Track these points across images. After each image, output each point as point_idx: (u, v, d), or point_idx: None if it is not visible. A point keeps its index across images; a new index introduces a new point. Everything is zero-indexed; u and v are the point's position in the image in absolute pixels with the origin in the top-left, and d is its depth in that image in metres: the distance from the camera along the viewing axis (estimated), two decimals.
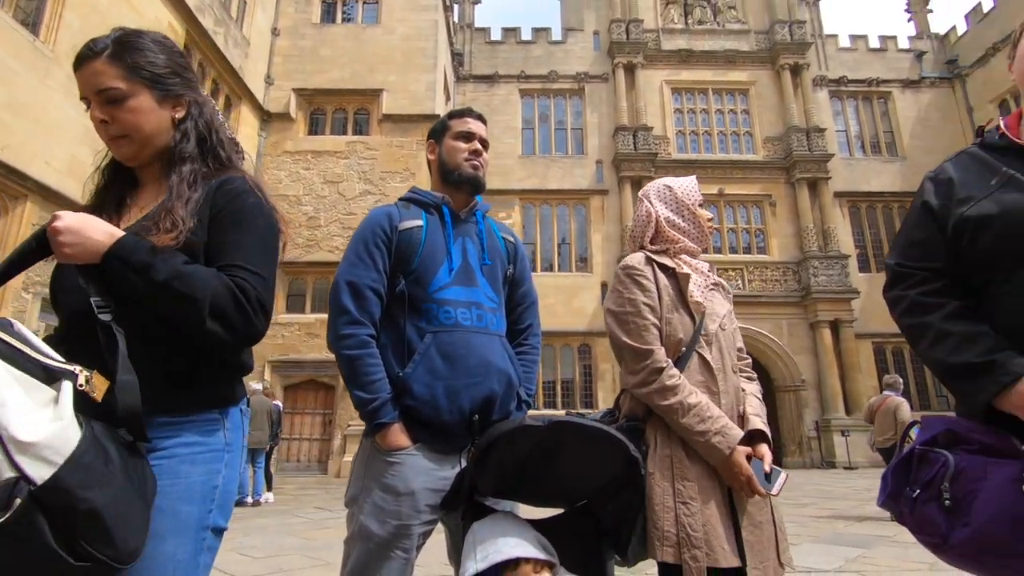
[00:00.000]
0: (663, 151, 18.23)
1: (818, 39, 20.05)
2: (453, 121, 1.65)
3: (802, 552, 4.39)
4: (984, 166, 1.08)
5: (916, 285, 1.10)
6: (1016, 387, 0.91)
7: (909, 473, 1.05)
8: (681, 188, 1.63)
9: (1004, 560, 0.89)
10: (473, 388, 1.41)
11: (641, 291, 1.47)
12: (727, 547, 1.27)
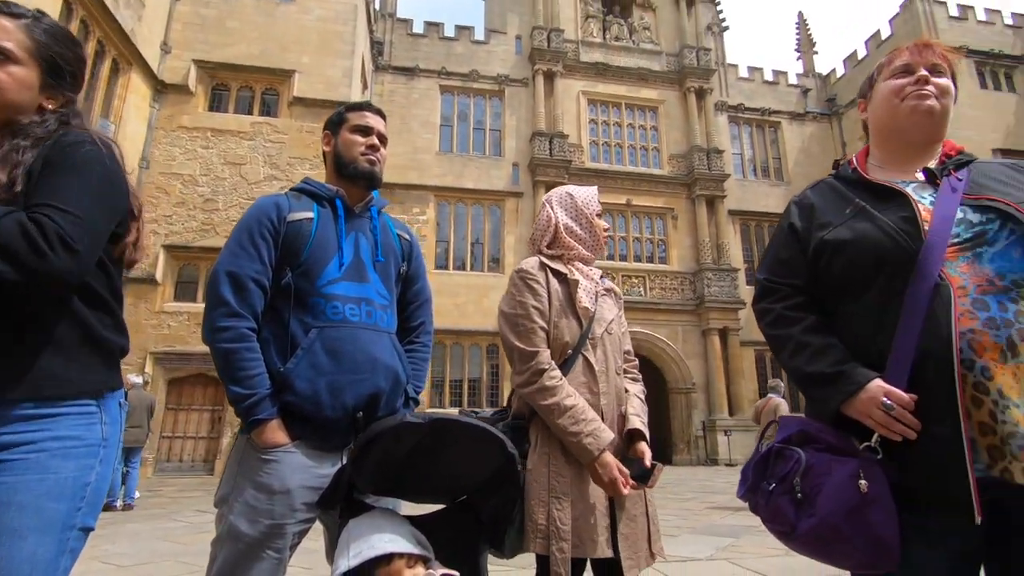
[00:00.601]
0: (577, 159, 18.82)
1: (721, 67, 21.60)
2: (351, 114, 1.63)
3: (680, 542, 4.72)
4: (840, 196, 1.20)
5: (781, 299, 1.21)
6: (859, 395, 1.02)
7: (767, 468, 1.13)
8: (581, 197, 1.71)
9: (838, 546, 1.00)
10: (358, 384, 1.39)
11: (532, 295, 1.53)
12: (600, 539, 1.35)
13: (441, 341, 16.75)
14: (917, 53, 1.20)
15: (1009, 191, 1.08)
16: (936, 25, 19.46)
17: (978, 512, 0.91)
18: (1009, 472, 0.93)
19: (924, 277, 1.01)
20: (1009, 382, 0.95)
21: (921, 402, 0.98)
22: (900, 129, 1.19)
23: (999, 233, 1.04)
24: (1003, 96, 19.13)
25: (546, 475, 1.39)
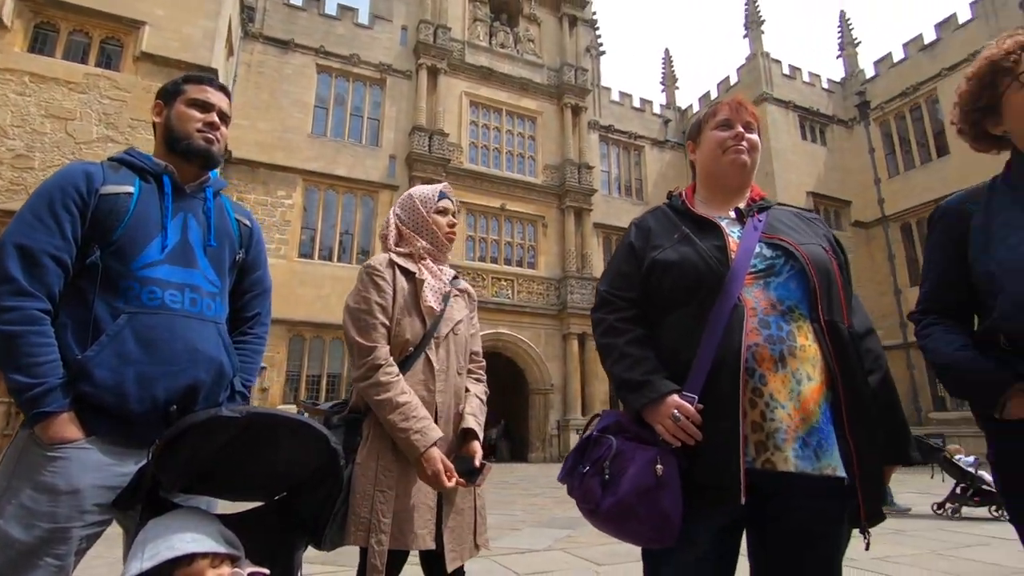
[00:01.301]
0: (456, 158, 18.89)
1: (596, 88, 22.99)
2: (189, 86, 1.51)
3: (523, 535, 4.95)
4: (671, 222, 1.38)
5: (615, 311, 1.35)
6: (658, 404, 1.18)
7: (584, 453, 1.26)
8: (420, 196, 1.75)
9: (631, 523, 1.14)
10: (173, 376, 1.30)
11: (377, 291, 1.54)
12: (422, 532, 1.40)
13: (300, 334, 15.84)
14: (734, 111, 1.42)
15: (792, 234, 1.32)
16: (772, 80, 22.45)
17: (743, 494, 1.10)
18: (771, 462, 1.12)
19: (727, 298, 1.20)
20: (779, 387, 1.16)
21: (711, 402, 1.16)
22: (720, 175, 1.41)
23: (784, 267, 1.26)
24: (817, 148, 22.60)
25: (374, 469, 1.41)
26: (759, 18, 23.21)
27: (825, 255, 1.28)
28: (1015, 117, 1.25)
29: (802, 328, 1.20)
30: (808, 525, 1.15)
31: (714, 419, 1.14)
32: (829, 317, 1.21)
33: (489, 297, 18.02)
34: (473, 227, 19.02)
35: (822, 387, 1.17)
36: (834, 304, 1.23)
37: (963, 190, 1.37)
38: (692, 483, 1.14)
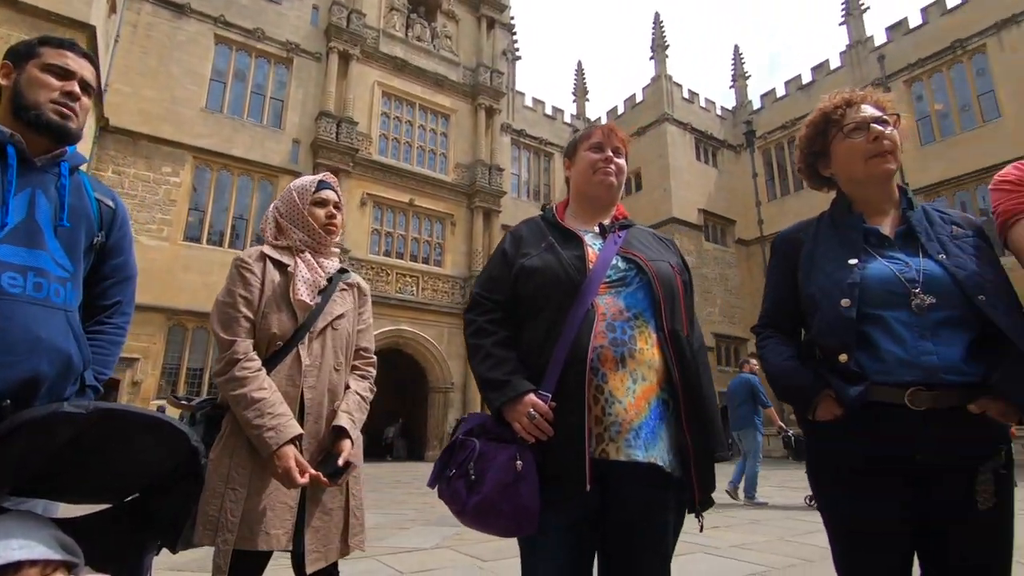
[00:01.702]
0: (365, 149, 18.35)
1: (511, 92, 23.31)
2: (46, 49, 1.36)
3: (411, 534, 4.93)
4: (541, 232, 1.49)
5: (485, 313, 1.44)
6: (516, 402, 1.26)
7: (451, 457, 1.33)
8: (298, 187, 1.71)
9: (494, 517, 1.22)
10: (8, 367, 1.18)
11: (243, 284, 1.50)
12: (276, 532, 1.37)
13: (181, 323, 14.65)
14: (606, 136, 1.55)
15: (645, 251, 1.46)
16: (673, 102, 23.98)
17: (588, 482, 1.20)
18: (606, 452, 1.25)
19: (582, 303, 1.31)
20: (618, 385, 1.28)
21: (562, 399, 1.26)
22: (590, 194, 1.55)
23: (634, 279, 1.40)
24: (709, 169, 24.45)
25: (227, 466, 1.37)
26: (664, 43, 24.69)
27: (671, 272, 1.43)
28: (838, 162, 1.46)
29: (644, 333, 1.33)
30: (638, 512, 1.28)
31: (564, 415, 1.24)
32: (671, 326, 1.35)
33: (392, 293, 17.67)
34: (380, 221, 18.57)
35: (655, 387, 1.31)
36: (676, 315, 1.38)
37: (800, 221, 1.57)
38: (546, 475, 1.24)
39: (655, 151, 23.52)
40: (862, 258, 1.33)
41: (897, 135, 1.41)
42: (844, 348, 1.27)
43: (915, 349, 1.21)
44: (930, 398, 1.18)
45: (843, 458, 1.31)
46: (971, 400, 1.18)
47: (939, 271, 1.26)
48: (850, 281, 1.30)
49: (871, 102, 1.45)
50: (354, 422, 1.57)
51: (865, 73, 20.57)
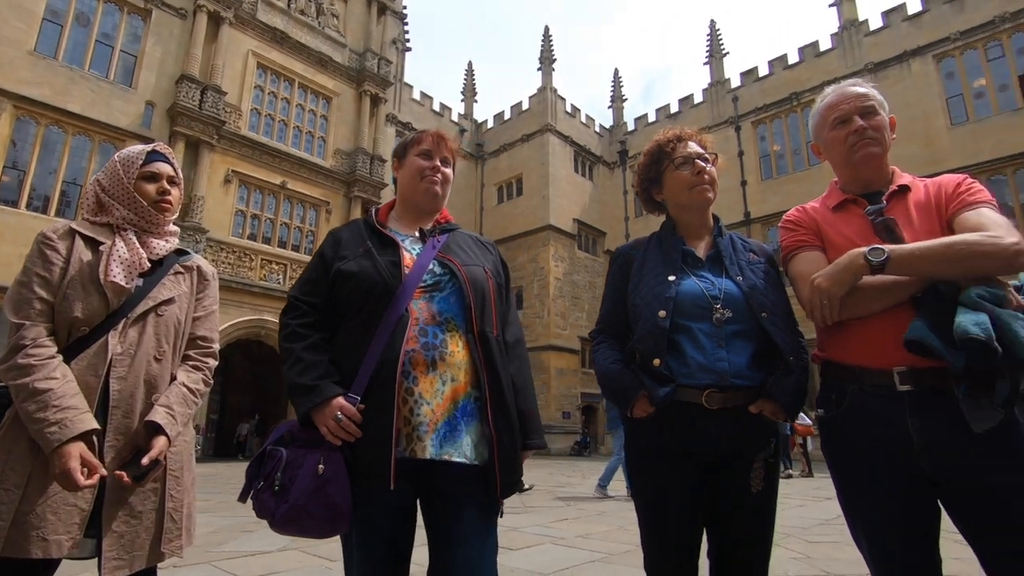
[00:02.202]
0: (233, 122, 16.91)
1: (398, 83, 22.84)
2: None
3: (256, 537, 4.64)
4: (360, 236, 1.48)
5: (299, 316, 1.40)
6: (323, 407, 1.27)
7: (259, 469, 1.31)
8: (123, 158, 1.53)
9: (307, 521, 1.22)
10: None
11: (42, 263, 1.33)
12: (59, 538, 1.21)
13: None
14: (435, 143, 1.57)
15: (462, 255, 1.49)
16: (557, 114, 25.05)
17: (392, 480, 1.23)
18: (414, 451, 1.28)
19: (396, 307, 1.33)
20: (427, 388, 1.32)
21: (372, 401, 1.29)
22: (415, 199, 1.57)
23: (448, 283, 1.43)
24: (586, 182, 25.87)
25: (2, 463, 1.21)
26: (552, 56, 25.71)
27: (484, 276, 1.48)
28: (668, 189, 1.66)
29: (455, 337, 1.38)
30: (446, 506, 1.35)
31: (373, 416, 1.27)
32: (481, 328, 1.40)
33: (256, 280, 16.47)
34: (246, 202, 17.21)
35: (464, 387, 1.37)
36: (486, 317, 1.43)
37: (637, 238, 1.76)
38: (357, 474, 1.27)
39: (537, 159, 24.38)
40: (679, 275, 1.53)
41: (715, 171, 1.64)
42: (658, 353, 1.46)
43: (712, 356, 1.42)
44: (721, 399, 1.40)
45: (652, 449, 1.50)
46: (752, 401, 1.41)
47: (736, 290, 1.49)
48: (667, 295, 1.49)
49: (696, 140, 1.66)
50: (173, 417, 1.41)
51: (722, 110, 23.06)
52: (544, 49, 25.89)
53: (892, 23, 19.58)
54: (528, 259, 23.78)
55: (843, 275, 1.29)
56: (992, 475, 1.17)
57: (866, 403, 1.31)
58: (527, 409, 1.47)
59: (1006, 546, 1.16)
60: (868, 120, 1.46)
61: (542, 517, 6.04)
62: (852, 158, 1.48)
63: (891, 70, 19.09)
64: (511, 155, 25.64)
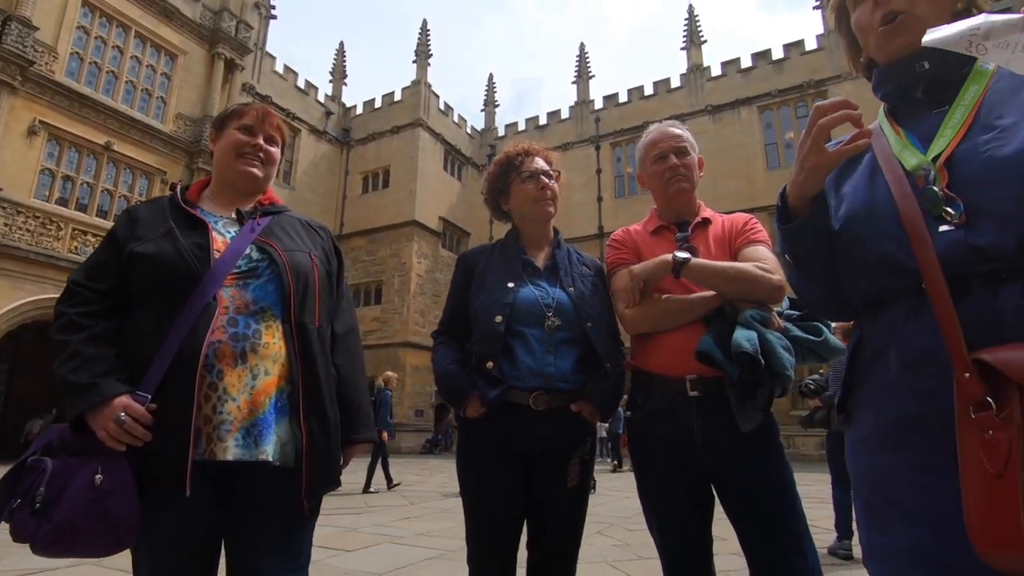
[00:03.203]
0: (46, 65, 14.31)
1: (259, 51, 21.03)
2: None
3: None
4: (163, 215, 1.32)
5: (80, 304, 1.22)
6: (102, 408, 1.11)
7: (17, 484, 1.11)
8: None
9: (80, 539, 1.06)
10: None
11: None
12: None
13: None
14: (260, 120, 1.43)
15: (285, 240, 1.37)
16: (429, 109, 24.84)
17: (188, 486, 1.11)
18: (214, 452, 1.16)
19: (201, 295, 1.20)
20: (234, 382, 1.20)
21: (166, 398, 1.14)
22: (232, 178, 1.42)
23: (266, 270, 1.31)
24: (454, 181, 25.99)
25: None
26: (428, 51, 25.46)
27: (308, 263, 1.36)
28: (514, 200, 1.76)
29: (271, 327, 1.27)
30: (251, 510, 1.24)
31: (168, 415, 1.14)
32: (301, 318, 1.30)
33: (63, 253, 14.08)
34: (57, 160, 14.65)
35: (279, 381, 1.25)
36: (308, 307, 1.32)
37: (483, 244, 1.84)
38: (151, 478, 1.13)
39: (407, 153, 23.97)
40: (518, 283, 1.63)
41: (557, 187, 1.77)
42: (492, 356, 1.54)
43: (542, 361, 1.54)
44: (547, 400, 1.51)
45: (482, 447, 1.57)
46: (574, 403, 1.55)
47: (567, 300, 1.62)
48: (505, 301, 1.59)
49: (543, 156, 1.79)
50: None
51: (585, 128, 24.60)
52: (421, 42, 25.54)
53: (729, 73, 22.39)
54: (390, 253, 23.27)
55: (656, 268, 1.53)
56: (749, 473, 1.43)
57: (665, 406, 1.51)
58: (357, 402, 1.41)
59: (757, 531, 1.43)
60: (681, 159, 1.68)
61: (383, 516, 5.96)
62: (667, 191, 1.70)
63: (726, 114, 21.79)
64: (380, 145, 24.90)
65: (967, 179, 0.81)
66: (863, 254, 0.89)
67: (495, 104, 28.58)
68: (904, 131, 0.93)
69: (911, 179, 0.86)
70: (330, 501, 6.81)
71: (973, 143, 0.83)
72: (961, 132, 0.85)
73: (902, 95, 0.96)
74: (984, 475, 0.67)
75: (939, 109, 0.90)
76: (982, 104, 0.86)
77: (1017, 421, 0.66)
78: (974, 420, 0.70)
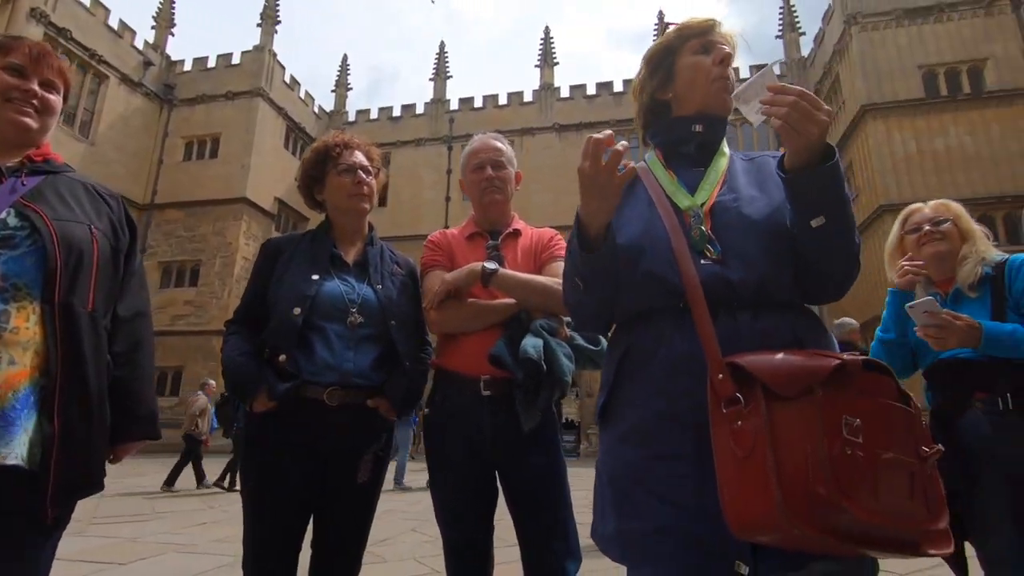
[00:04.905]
0: None
1: None
2: None
3: None
4: None
5: None
6: None
7: None
8: None
9: None
10: None
11: None
12: None
13: None
14: (34, 61, 1.21)
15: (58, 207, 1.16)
16: (273, 80, 22.86)
17: None
18: None
19: None
20: None
21: None
22: None
23: (25, 241, 1.11)
24: (295, 160, 24.20)
25: None
26: (276, 16, 23.44)
27: (86, 235, 1.18)
28: (328, 192, 1.72)
29: (25, 309, 1.09)
30: None
31: None
32: (67, 300, 1.12)
33: None
34: None
35: (31, 372, 1.08)
36: (79, 287, 1.15)
37: (293, 232, 1.75)
38: None
39: (243, 123, 21.78)
40: (323, 276, 1.59)
41: (375, 184, 1.76)
42: (286, 349, 1.48)
43: (340, 356, 1.52)
44: (342, 396, 1.49)
45: (271, 443, 1.50)
46: (371, 399, 1.55)
47: (373, 297, 1.62)
48: (307, 293, 1.54)
49: (364, 151, 1.76)
50: None
51: (439, 127, 24.60)
52: (269, 5, 23.41)
53: (576, 97, 24.04)
54: (214, 231, 20.90)
55: (467, 276, 1.61)
56: (528, 464, 1.57)
57: (461, 404, 1.59)
58: (137, 394, 1.25)
59: (529, 516, 1.57)
60: (497, 171, 1.79)
61: (172, 523, 5.34)
62: (482, 200, 1.79)
63: (571, 134, 23.28)
64: (211, 110, 22.27)
65: (724, 226, 1.02)
66: (640, 273, 1.03)
67: (347, 87, 27.26)
68: (677, 177, 1.13)
69: (680, 216, 1.04)
70: (112, 506, 5.91)
71: (726, 200, 1.06)
72: (717, 189, 1.08)
73: (675, 147, 1.17)
74: (735, 459, 0.80)
75: (696, 168, 1.13)
76: (728, 173, 1.11)
77: (762, 412, 0.80)
78: (725, 414, 0.83)
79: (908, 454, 0.79)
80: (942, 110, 16.82)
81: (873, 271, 8.42)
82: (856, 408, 0.78)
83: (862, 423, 0.76)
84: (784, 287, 0.98)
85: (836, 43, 19.38)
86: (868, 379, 0.82)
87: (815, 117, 0.86)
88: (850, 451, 0.75)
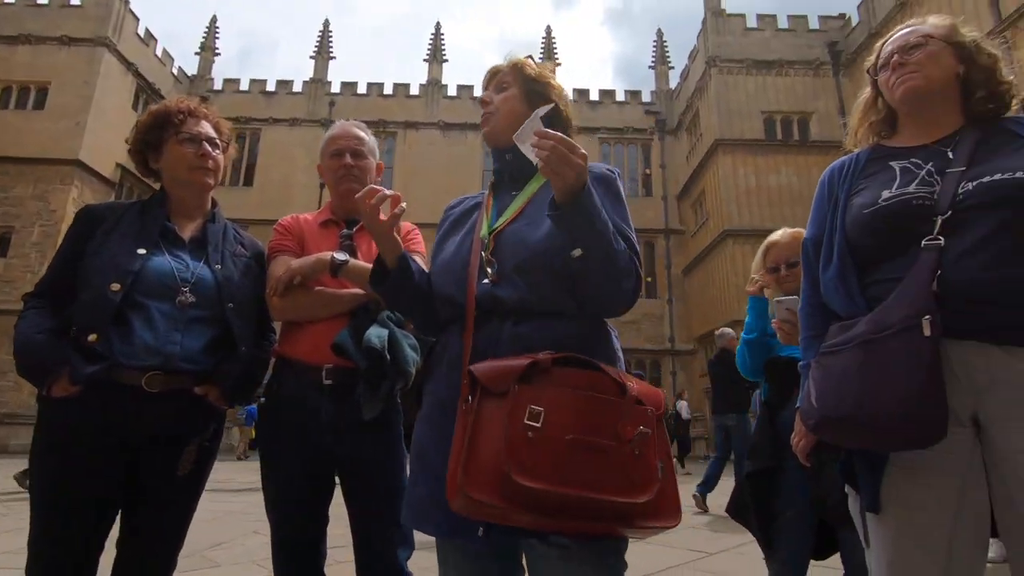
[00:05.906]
0: None
1: None
2: None
3: None
4: None
5: None
6: None
7: None
8: None
9: None
10: None
11: None
12: None
13: None
14: None
15: None
16: (123, 30, 20.15)
17: None
18: None
19: None
20: None
21: None
22: None
23: None
24: None
25: None
26: None
27: None
28: (166, 161, 1.58)
29: None
30: None
31: None
32: None
33: None
34: None
35: None
36: None
37: (117, 201, 1.58)
38: None
39: (81, 74, 18.94)
40: (151, 250, 1.46)
41: (222, 158, 1.65)
42: (97, 328, 1.34)
43: (164, 338, 1.40)
44: (164, 381, 1.38)
45: (70, 431, 1.34)
46: (198, 386, 1.45)
47: (210, 277, 1.52)
48: (129, 268, 1.40)
49: (212, 122, 1.64)
50: None
51: (318, 109, 23.32)
52: None
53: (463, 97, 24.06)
54: (34, 195, 17.89)
55: (315, 265, 1.58)
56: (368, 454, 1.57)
57: (299, 392, 1.55)
58: None
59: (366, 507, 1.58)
60: (356, 160, 1.76)
61: None
62: (338, 188, 1.76)
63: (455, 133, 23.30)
64: (38, 52, 19.06)
65: (503, 249, 1.17)
66: (436, 291, 1.23)
67: (215, 51, 24.84)
68: (494, 203, 1.27)
69: (483, 242, 1.19)
70: None
71: (517, 225, 1.19)
72: (515, 214, 1.21)
73: (499, 175, 1.33)
74: (458, 445, 0.96)
75: (512, 193, 1.27)
76: (533, 199, 1.22)
77: (474, 407, 0.97)
78: (463, 408, 0.99)
79: (602, 436, 0.94)
80: (776, 151, 19.35)
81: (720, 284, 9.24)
82: (543, 398, 0.94)
83: (546, 410, 0.92)
84: (548, 300, 1.11)
85: (699, 80, 21.47)
86: (564, 374, 0.98)
87: (570, 160, 0.98)
88: (531, 434, 0.90)
